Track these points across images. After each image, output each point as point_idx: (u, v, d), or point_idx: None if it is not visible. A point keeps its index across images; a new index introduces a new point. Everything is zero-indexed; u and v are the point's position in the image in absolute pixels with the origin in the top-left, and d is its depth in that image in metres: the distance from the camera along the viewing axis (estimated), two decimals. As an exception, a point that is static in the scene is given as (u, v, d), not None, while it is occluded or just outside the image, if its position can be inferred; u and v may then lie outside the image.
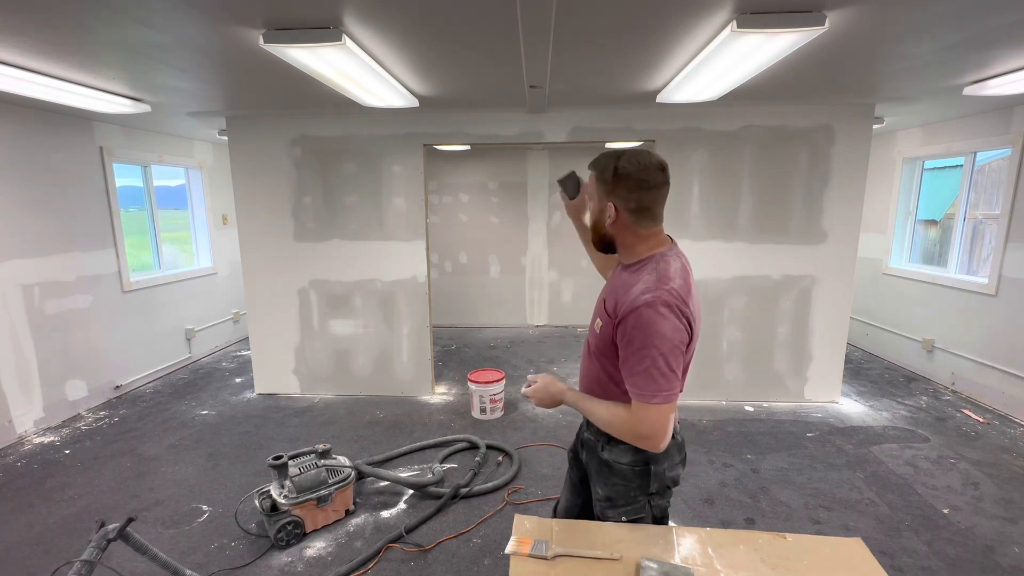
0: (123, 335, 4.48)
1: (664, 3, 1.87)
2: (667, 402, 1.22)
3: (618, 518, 1.44)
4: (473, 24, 2.08)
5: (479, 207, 6.55)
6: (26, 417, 3.68)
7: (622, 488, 1.43)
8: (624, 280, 1.36)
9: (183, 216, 5.62)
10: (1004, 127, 3.94)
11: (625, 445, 1.40)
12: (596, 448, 1.47)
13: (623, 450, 1.41)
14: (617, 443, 1.42)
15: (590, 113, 3.98)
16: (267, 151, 4.14)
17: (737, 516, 2.74)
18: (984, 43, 2.33)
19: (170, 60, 2.53)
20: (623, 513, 1.44)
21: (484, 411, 3.96)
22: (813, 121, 3.85)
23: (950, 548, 2.48)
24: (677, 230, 3.98)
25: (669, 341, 1.21)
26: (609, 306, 1.34)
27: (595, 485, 1.49)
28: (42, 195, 3.75)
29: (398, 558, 2.44)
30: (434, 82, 3.01)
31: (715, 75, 2.64)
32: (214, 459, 3.38)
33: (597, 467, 1.48)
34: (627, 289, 1.30)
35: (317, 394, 4.49)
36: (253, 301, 4.37)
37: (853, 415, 3.98)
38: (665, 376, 1.21)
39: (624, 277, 1.37)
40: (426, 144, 4.12)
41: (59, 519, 2.74)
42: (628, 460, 1.41)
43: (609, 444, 1.44)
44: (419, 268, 4.28)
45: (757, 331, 4.14)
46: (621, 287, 1.34)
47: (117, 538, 1.76)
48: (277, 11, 1.93)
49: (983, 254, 4.47)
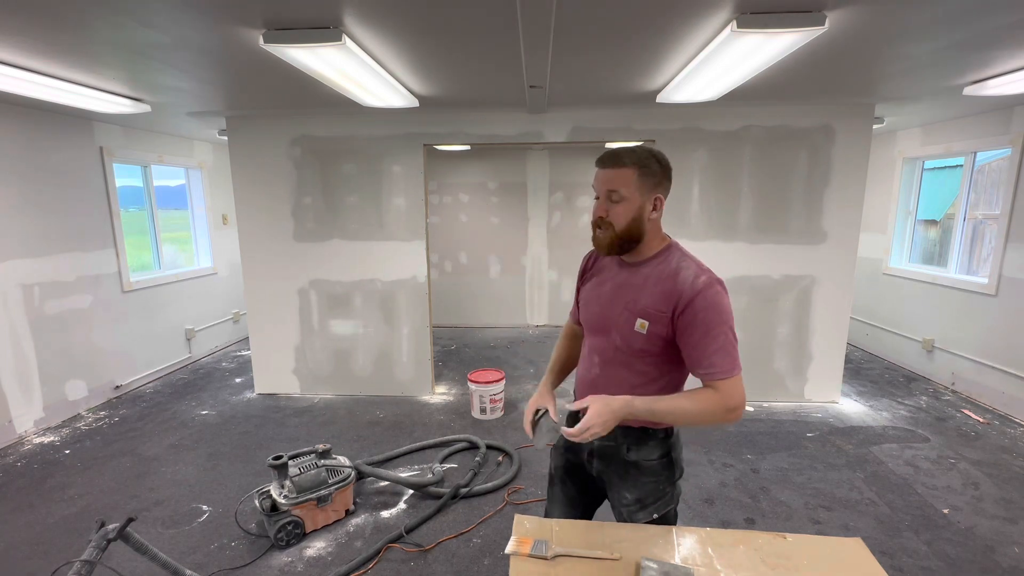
0: (123, 335, 4.48)
1: (664, 3, 1.87)
2: (741, 371, 1.31)
3: (648, 517, 1.43)
4: (473, 24, 2.08)
5: (479, 207, 6.55)
6: (26, 417, 3.68)
7: (652, 485, 1.43)
8: (648, 275, 1.38)
9: (183, 216, 5.62)
10: (1004, 127, 3.94)
11: (654, 441, 1.43)
12: (619, 453, 1.44)
13: (652, 447, 1.43)
14: (646, 441, 1.43)
15: (590, 113, 3.98)
16: (267, 151, 4.14)
17: (737, 516, 2.74)
18: (984, 43, 2.33)
19: (170, 60, 2.53)
20: (654, 511, 1.43)
21: (484, 411, 3.96)
22: (813, 121, 3.85)
23: (950, 548, 2.48)
24: (677, 230, 3.97)
25: (731, 316, 1.32)
26: (652, 304, 1.34)
27: (620, 491, 1.46)
28: (42, 195, 3.75)
29: (398, 558, 2.44)
30: (434, 82, 3.00)
31: (715, 75, 2.64)
32: (214, 459, 3.38)
33: (622, 472, 1.45)
34: (666, 281, 1.34)
35: (317, 394, 4.48)
36: (253, 301, 4.37)
37: (853, 415, 3.98)
38: (735, 348, 1.31)
39: (646, 272, 1.39)
40: (426, 144, 4.12)
41: (59, 519, 2.74)
42: (657, 455, 1.43)
43: (637, 444, 1.43)
44: (419, 268, 4.28)
45: (757, 331, 4.14)
46: (654, 281, 1.36)
47: (117, 538, 1.76)
48: (277, 11, 1.93)
49: (983, 254, 4.46)
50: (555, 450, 1.65)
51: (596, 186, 1.39)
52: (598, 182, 1.38)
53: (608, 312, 1.43)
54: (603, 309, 1.45)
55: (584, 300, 1.55)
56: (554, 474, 1.64)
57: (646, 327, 1.34)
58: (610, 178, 1.35)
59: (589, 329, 1.52)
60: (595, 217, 1.40)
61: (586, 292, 1.55)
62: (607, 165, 1.36)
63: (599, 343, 1.46)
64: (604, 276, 1.51)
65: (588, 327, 1.52)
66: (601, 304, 1.47)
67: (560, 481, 1.62)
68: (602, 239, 1.39)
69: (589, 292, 1.53)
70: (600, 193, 1.38)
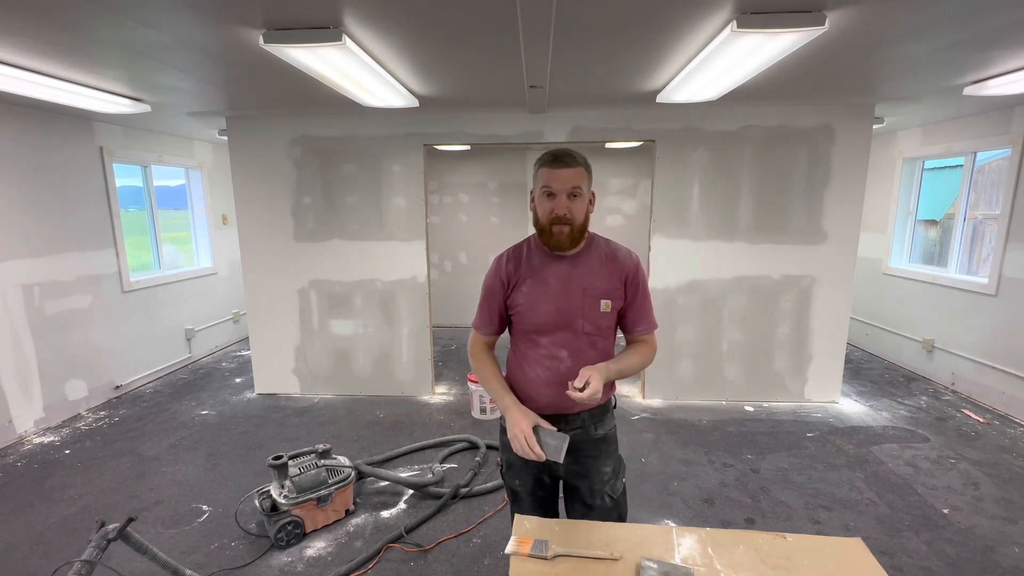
0: (123, 335, 4.48)
1: (664, 3, 1.87)
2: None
3: (622, 485, 1.60)
4: (473, 24, 2.08)
5: (479, 207, 6.55)
6: (26, 417, 3.68)
7: (615, 452, 1.62)
8: (591, 261, 1.53)
9: (183, 216, 5.62)
10: (1004, 127, 3.94)
11: (609, 414, 1.61)
12: (588, 435, 1.56)
13: (609, 418, 1.61)
14: (604, 414, 1.59)
15: (590, 113, 3.97)
16: (267, 151, 4.14)
17: (737, 516, 2.74)
18: (984, 43, 2.33)
19: (170, 60, 2.53)
20: (622, 475, 1.62)
21: (484, 411, 3.96)
22: (813, 121, 3.85)
23: (950, 548, 2.48)
24: (677, 230, 3.99)
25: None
26: (609, 284, 1.52)
27: (598, 469, 1.56)
28: (42, 195, 3.75)
29: (398, 558, 2.44)
30: (434, 82, 3.00)
31: (715, 75, 2.64)
32: (214, 459, 3.38)
33: (596, 451, 1.57)
34: (610, 262, 1.54)
35: (317, 394, 4.49)
36: (253, 301, 4.37)
37: (853, 415, 3.98)
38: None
39: (588, 260, 1.53)
40: (426, 144, 4.12)
41: (59, 519, 2.74)
42: (613, 424, 1.63)
43: (601, 420, 1.58)
44: (419, 268, 4.28)
45: (757, 331, 4.14)
46: (597, 266, 1.53)
47: (117, 538, 1.76)
48: (277, 11, 1.93)
49: (983, 254, 4.46)
50: (515, 469, 1.62)
51: (555, 185, 1.44)
52: (559, 181, 1.44)
53: (567, 305, 1.50)
54: (559, 304, 1.50)
55: (526, 304, 1.52)
56: (519, 490, 1.63)
57: (609, 305, 1.51)
58: (571, 177, 1.44)
59: (543, 328, 1.51)
60: (554, 215, 1.45)
61: (525, 296, 1.52)
62: (569, 165, 1.44)
63: (563, 338, 1.50)
64: (542, 276, 1.52)
65: (542, 327, 1.51)
66: (555, 300, 1.50)
67: (530, 494, 1.63)
68: (564, 235, 1.47)
69: (531, 295, 1.51)
70: (561, 191, 1.44)
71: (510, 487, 1.66)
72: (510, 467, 1.64)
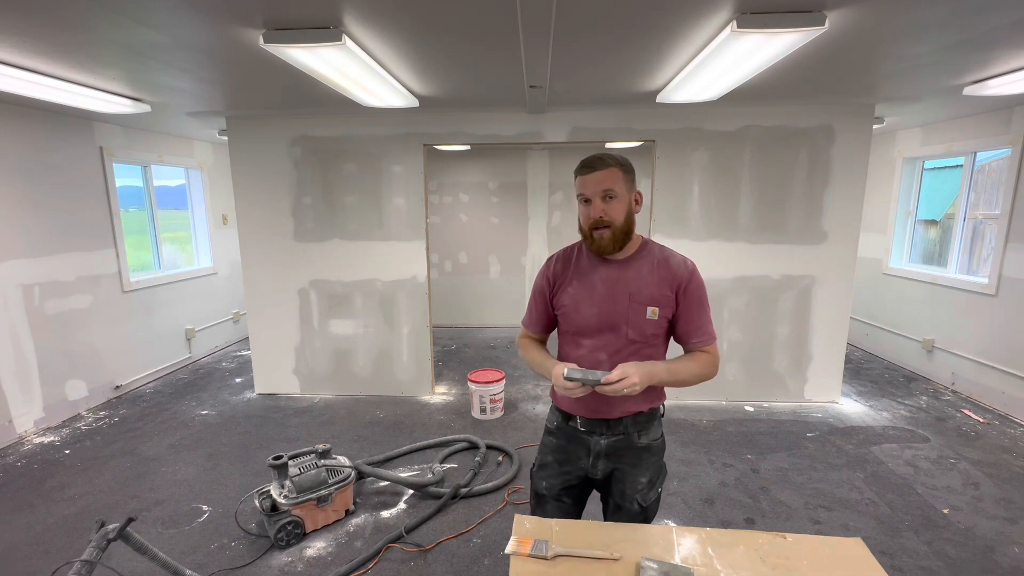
0: (123, 335, 4.48)
1: (664, 3, 1.87)
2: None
3: (656, 495, 1.58)
4: (473, 24, 2.08)
5: (479, 207, 6.55)
6: (26, 417, 3.68)
7: (657, 464, 1.58)
8: (641, 267, 1.49)
9: (183, 216, 5.62)
10: (1004, 127, 3.94)
11: (656, 422, 1.57)
12: (631, 442, 1.53)
13: (656, 427, 1.56)
14: (651, 423, 1.55)
15: (590, 113, 3.97)
16: (267, 151, 4.14)
17: (737, 516, 2.74)
18: (984, 43, 2.33)
19: (170, 60, 2.53)
20: (658, 486, 1.58)
21: (484, 411, 3.96)
22: (813, 121, 3.85)
23: (950, 548, 2.48)
24: (677, 230, 3.98)
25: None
26: (658, 291, 1.47)
27: (634, 478, 1.54)
28: (42, 195, 3.75)
29: (398, 558, 2.44)
30: (434, 82, 3.00)
31: (715, 75, 2.64)
32: (214, 459, 3.38)
33: (635, 460, 1.54)
34: (662, 269, 1.49)
35: (317, 394, 4.48)
36: (253, 301, 4.37)
37: (853, 415, 3.98)
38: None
39: (638, 265, 1.49)
40: (426, 144, 4.12)
41: (59, 519, 2.74)
42: (660, 434, 1.58)
43: (645, 429, 1.54)
44: (419, 268, 4.28)
45: (757, 331, 4.14)
46: (647, 272, 1.48)
47: (117, 538, 1.76)
48: (277, 11, 1.93)
49: (983, 254, 4.46)
50: (543, 471, 1.63)
51: (587, 190, 1.44)
52: (590, 185, 1.43)
53: (611, 309, 1.47)
54: (604, 308, 1.48)
55: (571, 305, 1.52)
56: (546, 494, 1.62)
57: (657, 313, 1.46)
58: (603, 179, 1.42)
59: (586, 331, 1.51)
60: (592, 220, 1.44)
61: (571, 297, 1.53)
62: (597, 168, 1.42)
63: (606, 341, 1.48)
64: (589, 279, 1.51)
65: (585, 329, 1.51)
66: (599, 304, 1.49)
67: (555, 499, 1.62)
68: (605, 238, 1.45)
69: (576, 296, 1.52)
70: (594, 195, 1.43)
71: (536, 489, 1.65)
72: (543, 467, 1.63)
